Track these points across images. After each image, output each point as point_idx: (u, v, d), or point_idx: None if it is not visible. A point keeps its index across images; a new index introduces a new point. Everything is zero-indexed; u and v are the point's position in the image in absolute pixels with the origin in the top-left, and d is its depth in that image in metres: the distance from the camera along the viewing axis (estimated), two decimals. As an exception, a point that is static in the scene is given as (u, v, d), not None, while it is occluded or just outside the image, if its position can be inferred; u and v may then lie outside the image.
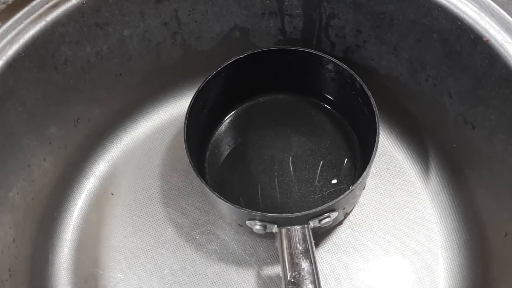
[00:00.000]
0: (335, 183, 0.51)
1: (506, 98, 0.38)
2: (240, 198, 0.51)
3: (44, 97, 0.46)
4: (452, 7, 0.40)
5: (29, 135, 0.46)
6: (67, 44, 0.45)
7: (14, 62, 0.42)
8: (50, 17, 0.43)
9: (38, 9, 0.43)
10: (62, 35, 0.44)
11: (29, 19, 0.43)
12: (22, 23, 0.43)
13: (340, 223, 0.50)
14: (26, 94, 0.44)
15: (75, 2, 0.44)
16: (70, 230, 0.51)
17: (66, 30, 0.44)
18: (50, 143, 0.48)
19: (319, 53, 0.49)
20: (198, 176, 0.44)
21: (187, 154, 0.45)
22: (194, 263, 0.49)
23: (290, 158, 0.53)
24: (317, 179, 0.51)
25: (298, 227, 0.42)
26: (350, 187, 0.43)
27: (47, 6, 0.43)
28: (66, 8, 0.44)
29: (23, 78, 0.43)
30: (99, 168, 0.55)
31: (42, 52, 0.44)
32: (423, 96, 0.48)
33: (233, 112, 0.56)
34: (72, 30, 0.45)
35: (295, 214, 0.41)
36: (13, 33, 0.42)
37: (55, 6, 0.43)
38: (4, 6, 0.44)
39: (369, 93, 0.46)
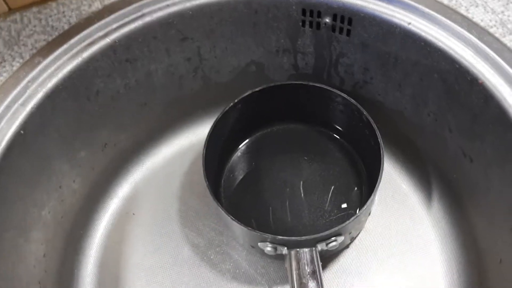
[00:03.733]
0: (344, 208, 0.54)
1: (500, 135, 0.41)
2: (252, 220, 0.54)
3: (76, 124, 0.50)
4: (450, 51, 0.43)
5: (62, 158, 0.50)
6: (99, 77, 0.50)
7: (53, 94, 0.46)
8: (86, 54, 0.48)
9: (76, 46, 0.48)
10: (95, 69, 0.49)
11: (67, 56, 0.47)
12: (61, 59, 0.47)
13: (347, 246, 0.53)
14: (61, 122, 0.48)
15: (109, 40, 0.48)
16: (95, 247, 0.55)
17: (99, 65, 0.49)
18: (79, 166, 0.53)
19: (329, 88, 0.53)
20: (214, 199, 0.47)
21: (204, 179, 0.48)
22: (209, 281, 0.52)
23: (301, 183, 0.56)
24: (326, 204, 0.54)
25: (306, 249, 0.45)
26: (356, 213, 0.46)
27: (83, 44, 0.48)
28: (101, 46, 0.48)
29: (59, 108, 0.47)
30: (122, 189, 0.58)
31: (77, 85, 0.48)
32: (425, 129, 0.52)
33: (247, 139, 0.60)
34: (105, 65, 0.49)
35: (303, 237, 0.44)
36: (53, 68, 0.47)
37: (91, 44, 0.48)
38: (44, 43, 0.49)
39: (374, 126, 0.49)
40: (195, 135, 0.62)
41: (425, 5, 0.46)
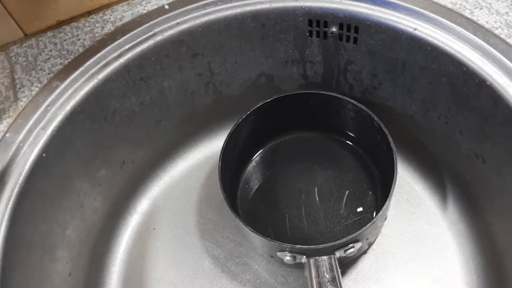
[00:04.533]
0: (359, 213, 0.54)
1: (510, 136, 0.42)
2: (270, 229, 0.54)
3: (95, 144, 0.52)
4: (457, 54, 0.44)
5: (83, 178, 0.51)
6: (115, 97, 0.51)
7: (71, 116, 0.48)
8: (101, 75, 0.49)
9: (91, 69, 0.49)
10: (111, 90, 0.50)
11: (83, 78, 0.49)
12: (77, 81, 0.49)
13: (365, 252, 0.53)
14: (80, 143, 0.50)
15: (123, 61, 0.50)
16: (117, 263, 0.56)
17: (114, 85, 0.50)
18: (100, 184, 0.54)
19: (338, 96, 0.54)
20: (232, 212, 0.48)
21: (221, 192, 0.49)
22: (230, 292, 0.53)
23: (316, 190, 0.57)
24: (342, 210, 0.55)
25: (325, 257, 0.46)
26: (372, 219, 0.47)
27: (98, 66, 0.49)
28: (115, 66, 0.50)
29: (78, 130, 0.49)
30: (142, 205, 0.60)
31: (94, 106, 0.50)
32: (436, 132, 0.52)
33: (261, 150, 0.61)
34: (120, 85, 0.51)
35: (322, 246, 0.45)
36: (70, 91, 0.48)
37: (105, 65, 0.50)
38: (61, 67, 0.51)
39: (386, 131, 0.50)
40: (210, 149, 0.63)
41: (430, 10, 0.46)
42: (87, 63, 0.50)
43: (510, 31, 0.44)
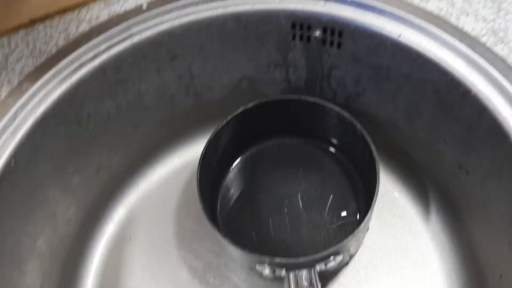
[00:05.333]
0: (341, 222, 0.53)
1: (495, 147, 0.41)
2: (253, 236, 0.53)
3: (68, 150, 0.49)
4: (442, 62, 0.43)
5: (55, 186, 0.49)
6: (89, 101, 0.49)
7: (42, 121, 0.45)
8: (75, 77, 0.47)
9: (64, 71, 0.47)
10: (85, 93, 0.48)
11: (55, 80, 0.46)
12: (49, 84, 0.46)
13: (346, 264, 0.52)
14: (52, 148, 0.47)
15: (98, 62, 0.48)
16: (92, 274, 0.54)
17: (89, 88, 0.48)
18: (73, 192, 0.52)
19: (321, 102, 0.52)
20: (209, 223, 0.46)
21: (200, 202, 0.47)
22: (208, 304, 0.51)
23: (298, 198, 0.55)
24: (324, 219, 0.53)
25: (304, 271, 0.44)
26: (354, 231, 0.45)
27: (72, 67, 0.47)
28: (89, 68, 0.47)
29: (50, 135, 0.47)
30: (118, 213, 0.58)
31: (67, 110, 0.47)
32: (420, 141, 0.51)
33: (242, 156, 0.59)
34: (95, 88, 0.49)
35: (301, 259, 0.43)
36: (41, 94, 0.46)
37: (79, 67, 0.47)
38: (32, 68, 0.49)
39: (369, 140, 0.49)
40: (190, 154, 0.61)
41: (415, 16, 0.45)
42: (60, 65, 0.47)
43: (496, 38, 0.43)
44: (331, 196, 0.55)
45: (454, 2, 0.47)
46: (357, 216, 0.53)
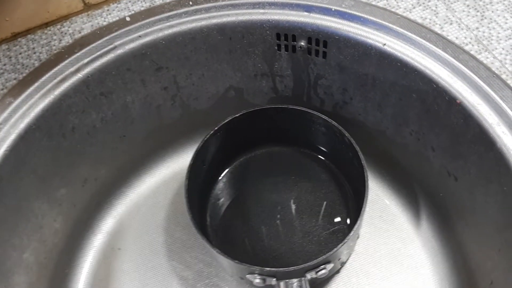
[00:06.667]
0: (332, 231, 0.53)
1: (482, 155, 0.41)
2: (246, 243, 0.53)
3: (53, 162, 0.49)
4: (427, 71, 0.43)
5: (41, 199, 0.49)
6: (74, 113, 0.49)
7: (26, 134, 0.45)
8: (58, 91, 0.47)
9: (47, 84, 0.47)
10: (69, 106, 0.48)
11: (39, 94, 0.46)
12: (32, 98, 0.46)
13: (338, 271, 0.52)
14: (37, 161, 0.47)
15: (81, 76, 0.47)
16: (80, 286, 0.53)
17: (72, 101, 0.48)
18: (60, 204, 0.51)
19: (309, 110, 0.52)
20: (198, 233, 0.46)
21: (188, 212, 0.47)
22: (199, 316, 0.51)
23: (288, 206, 0.55)
24: (314, 227, 0.53)
25: (295, 280, 0.44)
26: (344, 239, 0.45)
27: (55, 81, 0.47)
28: (73, 81, 0.47)
29: (34, 148, 0.46)
30: (106, 224, 0.57)
31: (51, 123, 0.47)
32: (408, 148, 0.51)
33: (231, 165, 0.59)
34: (78, 100, 0.48)
35: (292, 268, 0.43)
36: (24, 108, 0.46)
37: (62, 80, 0.47)
38: (15, 82, 0.48)
39: (357, 148, 0.48)
40: (178, 164, 0.61)
41: (399, 25, 0.45)
42: (43, 78, 0.47)
43: (480, 46, 0.44)
44: (322, 204, 0.55)
45: (438, 11, 0.47)
46: (347, 223, 0.53)
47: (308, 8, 0.48)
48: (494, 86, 0.41)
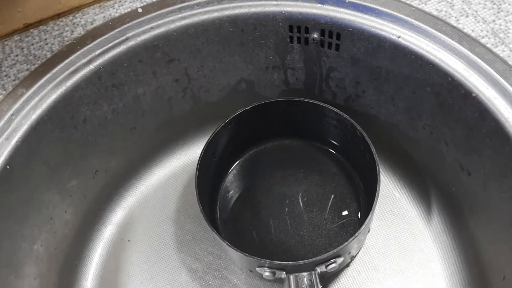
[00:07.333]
0: (342, 222, 0.53)
1: (497, 149, 0.40)
2: (254, 236, 0.53)
3: (64, 154, 0.49)
4: (442, 64, 0.42)
5: (52, 190, 0.49)
6: (85, 105, 0.49)
7: (38, 125, 0.45)
8: (70, 82, 0.47)
9: (59, 76, 0.47)
10: (81, 97, 0.48)
11: (51, 85, 0.46)
12: (44, 89, 0.46)
13: (347, 265, 0.52)
14: (48, 153, 0.47)
15: (93, 67, 0.47)
16: (90, 277, 0.54)
17: (84, 93, 0.48)
18: (70, 195, 0.51)
19: (320, 103, 0.52)
20: (209, 225, 0.46)
21: (198, 204, 0.47)
22: (208, 307, 0.51)
23: (298, 199, 0.55)
24: (324, 221, 0.53)
25: (305, 273, 0.44)
26: (355, 233, 0.45)
27: (67, 72, 0.47)
28: (85, 73, 0.47)
29: (45, 139, 0.46)
30: (116, 216, 0.57)
31: (63, 114, 0.47)
32: (421, 142, 0.51)
33: (241, 158, 0.59)
34: (90, 92, 0.48)
35: (302, 262, 0.43)
36: (36, 99, 0.46)
37: (74, 72, 0.47)
38: (27, 73, 0.48)
39: (369, 141, 0.48)
40: (188, 156, 0.60)
41: (414, 18, 0.45)
42: (55, 69, 0.47)
43: (496, 39, 0.43)
44: (332, 197, 0.55)
45: (453, 4, 0.46)
46: (358, 217, 0.53)
47: (322, 0, 0.47)
48: (511, 79, 0.40)
